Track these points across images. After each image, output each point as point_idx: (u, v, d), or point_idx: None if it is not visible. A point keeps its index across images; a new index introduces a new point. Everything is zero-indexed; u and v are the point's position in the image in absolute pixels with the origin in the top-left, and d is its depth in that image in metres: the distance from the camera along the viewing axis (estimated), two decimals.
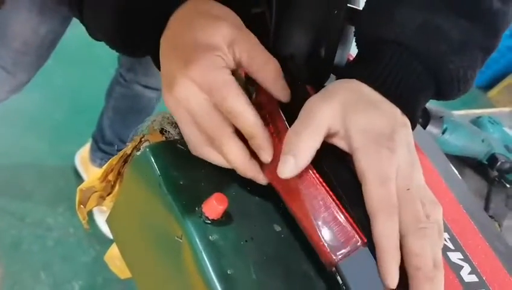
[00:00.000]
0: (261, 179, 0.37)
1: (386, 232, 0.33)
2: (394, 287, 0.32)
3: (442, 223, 0.38)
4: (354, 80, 0.38)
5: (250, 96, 0.41)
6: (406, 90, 0.38)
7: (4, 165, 1.40)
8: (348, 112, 0.36)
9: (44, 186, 1.40)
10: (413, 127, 0.40)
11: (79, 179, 1.45)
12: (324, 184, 0.35)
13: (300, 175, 0.35)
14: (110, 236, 1.29)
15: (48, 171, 1.44)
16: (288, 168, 0.34)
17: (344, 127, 0.36)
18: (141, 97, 1.23)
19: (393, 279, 0.32)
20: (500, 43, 0.42)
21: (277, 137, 0.37)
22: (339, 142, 0.37)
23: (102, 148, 1.35)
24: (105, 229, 1.31)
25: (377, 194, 0.33)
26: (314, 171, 0.35)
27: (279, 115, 0.38)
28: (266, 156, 0.36)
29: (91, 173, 1.41)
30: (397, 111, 0.38)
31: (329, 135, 0.36)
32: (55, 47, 0.88)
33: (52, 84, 1.66)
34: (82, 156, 1.45)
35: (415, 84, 0.39)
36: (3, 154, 1.42)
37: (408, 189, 0.34)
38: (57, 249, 1.27)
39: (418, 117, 0.41)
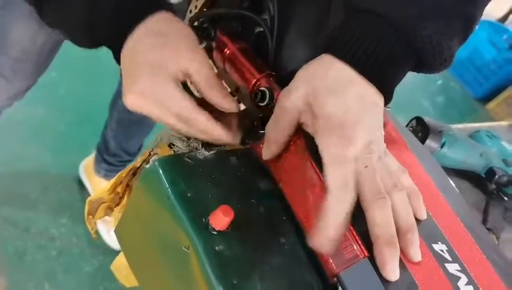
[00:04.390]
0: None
1: (332, 208, 0.35)
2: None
3: (414, 186, 0.41)
4: (328, 55, 0.39)
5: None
6: (379, 62, 0.38)
7: (8, 175, 1.41)
8: (312, 102, 0.38)
9: (47, 196, 1.40)
10: (387, 102, 0.40)
11: (82, 189, 1.45)
12: None
13: (312, 190, 0.37)
14: (113, 246, 1.31)
15: (51, 181, 1.44)
16: (265, 154, 0.42)
17: (311, 117, 0.38)
18: None
19: (326, 250, 0.34)
20: (481, 10, 0.41)
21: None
22: (309, 130, 0.39)
23: (106, 160, 1.36)
24: (107, 239, 1.32)
25: (331, 175, 0.36)
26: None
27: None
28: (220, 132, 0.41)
29: (95, 183, 1.42)
30: (367, 90, 0.38)
31: (301, 124, 0.40)
32: (55, 54, 0.87)
33: (56, 94, 1.67)
34: (86, 166, 1.46)
35: (389, 55, 0.38)
36: (6, 164, 1.42)
37: (366, 166, 0.36)
38: (60, 259, 1.27)
39: (393, 90, 0.41)
